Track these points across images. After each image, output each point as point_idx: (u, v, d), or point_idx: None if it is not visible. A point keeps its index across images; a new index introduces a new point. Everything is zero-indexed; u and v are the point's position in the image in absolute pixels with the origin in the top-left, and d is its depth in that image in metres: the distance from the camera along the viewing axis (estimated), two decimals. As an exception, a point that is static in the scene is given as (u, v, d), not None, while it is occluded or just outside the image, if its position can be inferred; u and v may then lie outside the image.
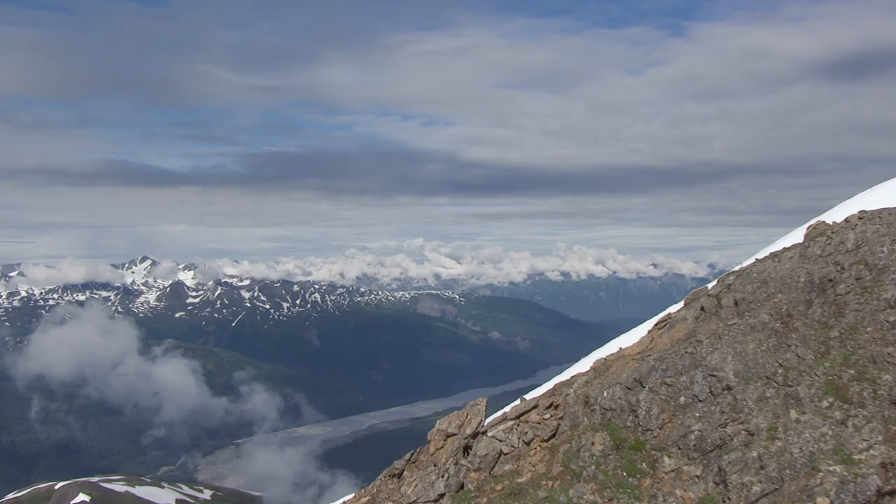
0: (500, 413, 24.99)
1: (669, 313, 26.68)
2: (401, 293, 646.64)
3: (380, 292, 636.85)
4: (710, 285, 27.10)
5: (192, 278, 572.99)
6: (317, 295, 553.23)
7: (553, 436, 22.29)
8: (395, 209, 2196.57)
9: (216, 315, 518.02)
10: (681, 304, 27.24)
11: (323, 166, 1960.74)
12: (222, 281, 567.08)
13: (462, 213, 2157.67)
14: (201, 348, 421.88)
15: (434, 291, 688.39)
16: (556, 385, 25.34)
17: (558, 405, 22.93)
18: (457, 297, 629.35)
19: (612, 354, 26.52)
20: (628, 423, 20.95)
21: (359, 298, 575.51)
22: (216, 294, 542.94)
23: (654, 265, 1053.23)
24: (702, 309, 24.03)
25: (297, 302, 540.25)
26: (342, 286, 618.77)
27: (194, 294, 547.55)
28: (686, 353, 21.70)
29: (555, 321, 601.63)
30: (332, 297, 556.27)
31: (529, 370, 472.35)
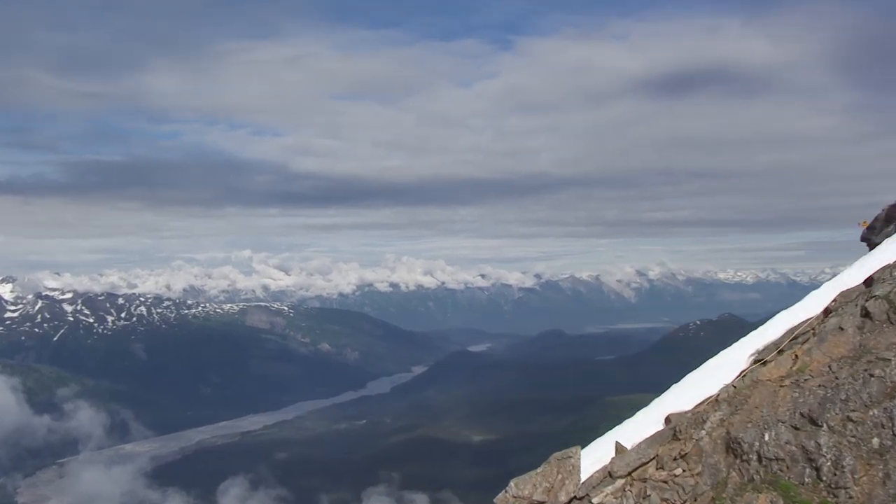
0: (597, 467, 18.18)
1: (807, 322, 21.13)
2: (229, 305, 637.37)
3: (207, 305, 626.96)
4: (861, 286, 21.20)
5: (11, 292, 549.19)
6: (143, 308, 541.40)
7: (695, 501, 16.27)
8: (224, 220, 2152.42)
9: (37, 330, 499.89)
10: (810, 309, 22.69)
11: (149, 176, 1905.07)
12: (43, 294, 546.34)
13: (291, 224, 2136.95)
14: (20, 365, 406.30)
15: (263, 303, 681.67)
16: (670, 419, 18.98)
17: (686, 453, 16.62)
18: (286, 308, 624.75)
19: (738, 379, 19.29)
20: (806, 480, 15.20)
21: (186, 311, 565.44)
22: (36, 308, 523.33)
23: (482, 276, 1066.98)
24: (866, 315, 18.70)
25: (123, 315, 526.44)
26: (169, 299, 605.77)
27: (13, 308, 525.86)
28: (869, 376, 16.36)
29: (384, 332, 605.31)
30: (159, 310, 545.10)
31: (360, 382, 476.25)
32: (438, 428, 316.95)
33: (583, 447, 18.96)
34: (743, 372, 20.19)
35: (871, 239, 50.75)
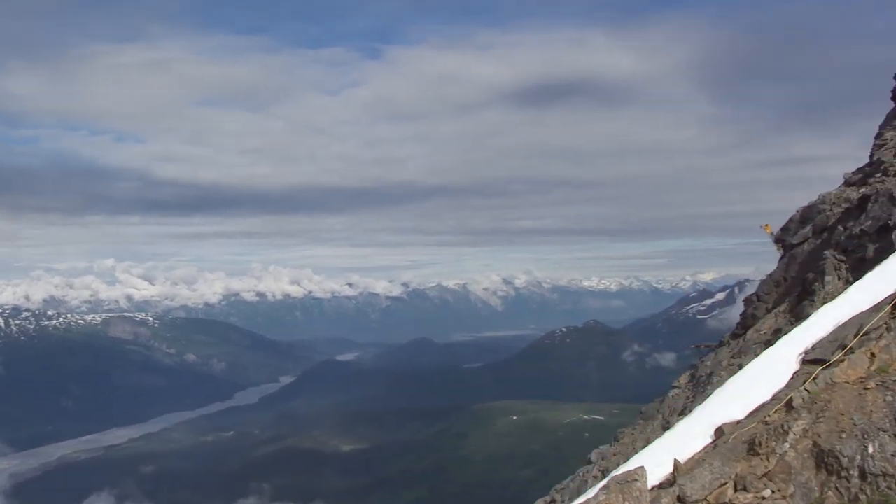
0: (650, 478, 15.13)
1: (877, 317, 18.76)
2: (91, 316, 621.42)
3: (69, 315, 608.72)
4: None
5: None
6: (0, 320, 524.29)
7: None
8: (85, 228, 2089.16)
9: None
10: (856, 302, 21.08)
11: (5, 183, 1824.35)
12: None
13: (155, 232, 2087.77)
14: None
15: (126, 314, 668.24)
16: (723, 429, 16.77)
17: (771, 471, 14.36)
18: (150, 319, 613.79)
19: (809, 383, 16.75)
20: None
21: (46, 322, 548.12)
22: None
23: (350, 284, 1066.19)
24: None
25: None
26: (28, 309, 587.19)
27: None
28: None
29: (251, 342, 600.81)
30: (17, 322, 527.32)
31: (227, 392, 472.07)
32: (307, 438, 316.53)
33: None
34: (810, 374, 17.45)
35: (786, 240, 56.61)
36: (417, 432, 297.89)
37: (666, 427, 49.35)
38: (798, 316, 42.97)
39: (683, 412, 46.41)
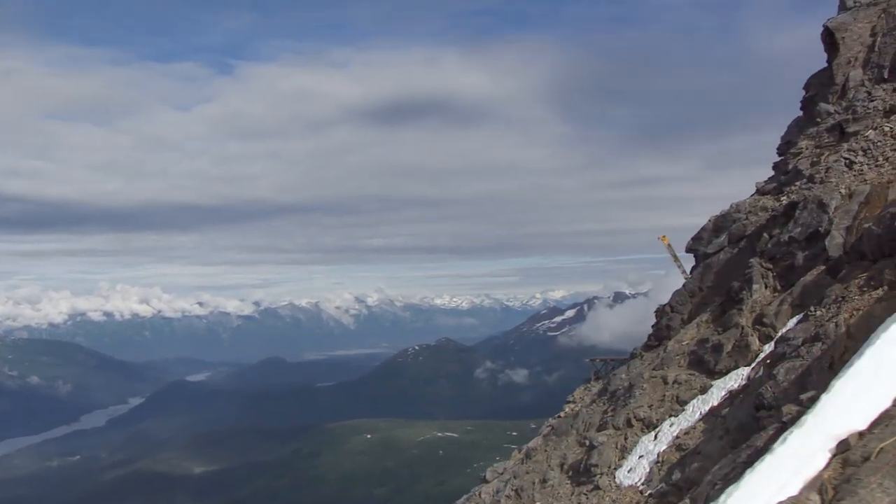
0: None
1: None
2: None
3: None
4: None
5: None
6: None
7: None
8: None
9: None
10: None
11: None
12: None
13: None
14: None
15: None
16: (848, 441, 14.12)
17: None
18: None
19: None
20: None
21: None
22: None
23: (200, 303, 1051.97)
24: None
25: None
26: None
27: None
28: None
29: (98, 363, 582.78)
30: None
31: (73, 415, 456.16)
32: (158, 460, 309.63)
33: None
34: None
35: (699, 250, 55.16)
36: (270, 452, 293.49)
37: (583, 443, 46.99)
38: (725, 325, 41.27)
39: (603, 427, 43.96)
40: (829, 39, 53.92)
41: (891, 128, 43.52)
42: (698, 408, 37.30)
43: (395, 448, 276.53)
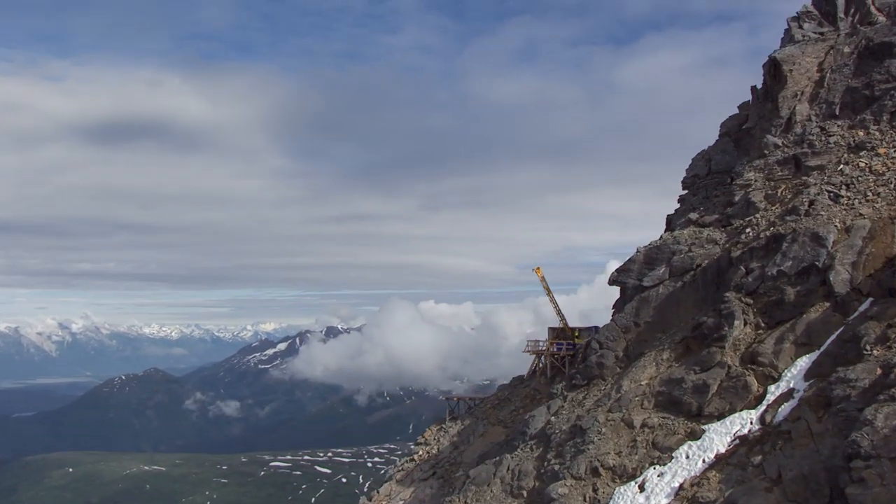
0: None
1: None
2: None
3: None
4: None
5: None
6: None
7: None
8: None
9: None
10: None
11: None
12: None
13: None
14: None
15: None
16: None
17: None
18: None
19: None
20: None
21: None
22: None
23: None
24: None
25: None
26: None
27: None
28: None
29: None
30: None
31: None
32: None
33: None
34: None
35: (627, 282, 49.71)
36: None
37: (517, 494, 40.29)
38: (703, 364, 36.20)
39: (553, 476, 37.55)
40: (775, 71, 52.30)
41: (867, 164, 41.67)
42: (697, 455, 33.30)
43: (99, 482, 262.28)
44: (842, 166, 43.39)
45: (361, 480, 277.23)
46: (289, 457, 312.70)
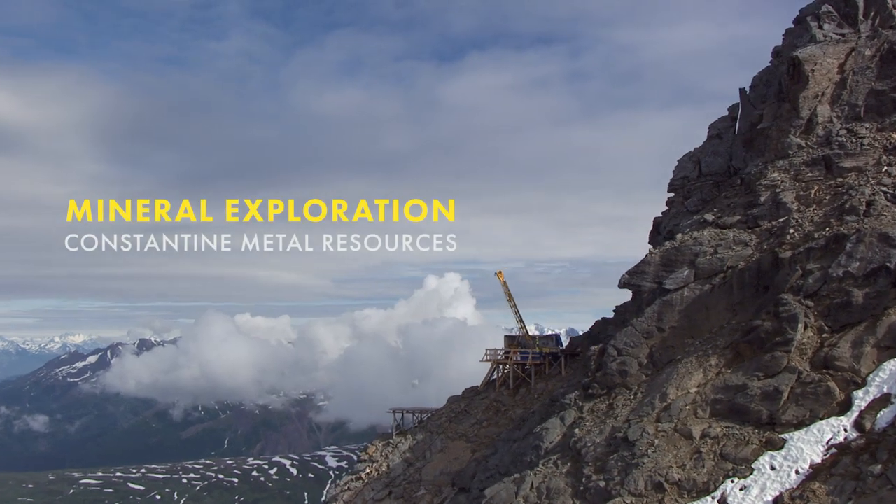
0: None
1: None
2: None
3: None
4: None
5: None
6: None
7: None
8: None
9: None
10: None
11: None
12: None
13: None
14: None
15: None
16: None
17: None
18: None
19: None
20: None
21: None
22: None
23: None
24: None
25: None
26: None
27: None
28: None
29: None
30: None
31: None
32: None
33: None
34: None
35: (641, 285, 45.73)
36: None
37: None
38: (767, 370, 33.51)
39: (600, 495, 34.14)
40: (794, 71, 50.63)
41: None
42: (786, 466, 30.32)
43: None
44: (886, 167, 42.71)
45: (176, 497, 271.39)
46: (100, 473, 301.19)
